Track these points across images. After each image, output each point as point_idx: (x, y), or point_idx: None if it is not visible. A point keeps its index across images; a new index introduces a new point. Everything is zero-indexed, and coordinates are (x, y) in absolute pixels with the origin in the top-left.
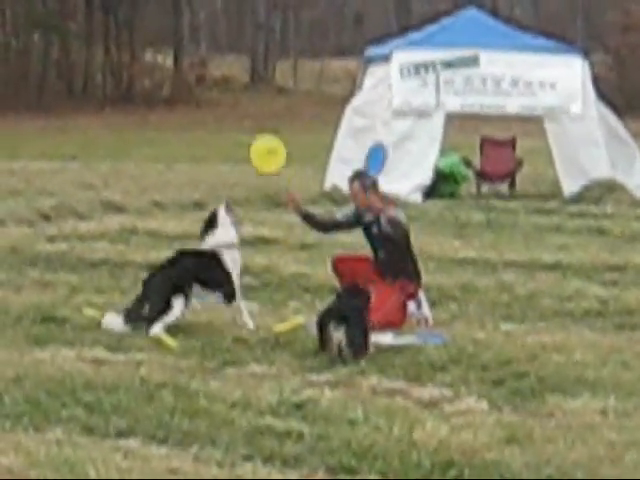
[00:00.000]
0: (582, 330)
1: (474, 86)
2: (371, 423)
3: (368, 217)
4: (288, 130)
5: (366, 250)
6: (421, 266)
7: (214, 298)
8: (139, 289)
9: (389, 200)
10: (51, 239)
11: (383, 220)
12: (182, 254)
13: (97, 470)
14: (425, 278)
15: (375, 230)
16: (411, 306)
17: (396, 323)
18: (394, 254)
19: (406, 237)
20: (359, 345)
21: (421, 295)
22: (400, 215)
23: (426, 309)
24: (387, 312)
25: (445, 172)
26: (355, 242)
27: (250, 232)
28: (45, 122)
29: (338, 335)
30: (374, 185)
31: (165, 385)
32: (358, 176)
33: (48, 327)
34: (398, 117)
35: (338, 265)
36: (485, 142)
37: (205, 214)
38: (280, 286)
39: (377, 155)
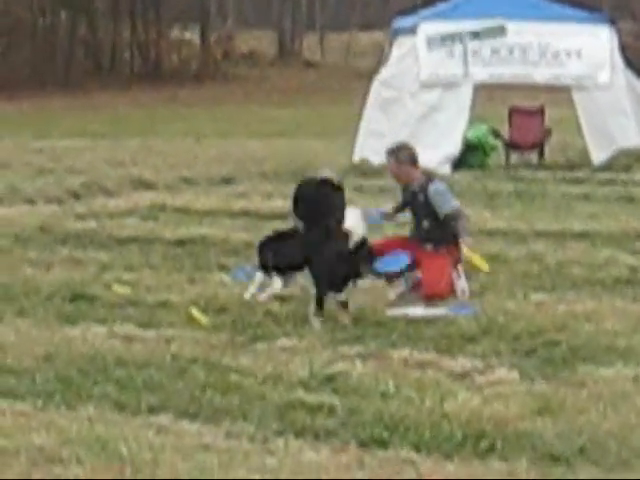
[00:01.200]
0: (613, 299)
1: (501, 56)
2: (402, 395)
3: (412, 187)
4: (316, 104)
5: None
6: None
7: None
8: (169, 265)
9: (429, 172)
10: (80, 217)
11: (432, 190)
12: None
13: (129, 447)
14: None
15: (421, 199)
16: (454, 273)
17: (452, 290)
18: (439, 222)
19: None
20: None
21: (459, 267)
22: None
23: (463, 281)
24: (448, 281)
25: (474, 143)
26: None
27: (280, 206)
28: (73, 100)
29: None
30: (412, 159)
31: (196, 361)
32: (392, 152)
33: (78, 305)
34: (426, 89)
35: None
36: (513, 112)
37: (234, 189)
38: None
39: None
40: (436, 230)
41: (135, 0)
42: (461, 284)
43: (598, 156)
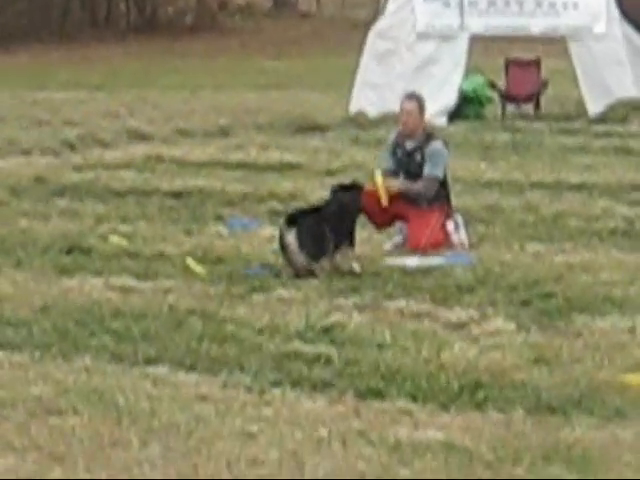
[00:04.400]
0: (609, 250)
1: (498, 7)
2: (399, 346)
3: (410, 144)
4: (312, 55)
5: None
6: (448, 189)
7: None
8: (165, 217)
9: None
10: (77, 168)
11: (430, 148)
12: None
13: (126, 398)
14: (452, 200)
15: (418, 159)
16: (449, 225)
17: (440, 243)
18: None
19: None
20: (308, 249)
21: (459, 219)
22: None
23: (463, 233)
24: (431, 233)
25: (470, 94)
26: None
27: (276, 158)
28: (68, 52)
29: (290, 238)
30: (424, 111)
31: (193, 312)
32: (416, 96)
33: (75, 256)
34: (422, 40)
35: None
36: (509, 63)
37: (231, 141)
38: None
39: None
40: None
41: None
42: (460, 236)
43: (594, 107)
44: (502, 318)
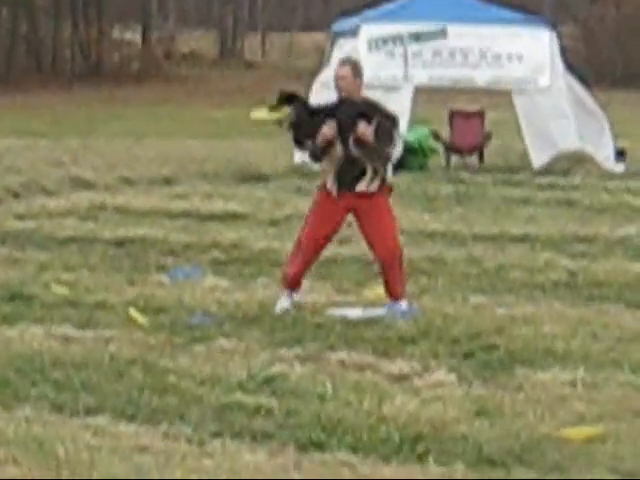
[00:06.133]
0: (551, 302)
1: (442, 59)
2: (340, 398)
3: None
4: (257, 104)
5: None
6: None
7: None
8: (107, 266)
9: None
10: (20, 216)
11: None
12: None
13: (66, 448)
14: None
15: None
16: None
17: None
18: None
19: None
20: None
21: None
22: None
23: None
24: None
25: (414, 145)
26: None
27: (220, 207)
28: (13, 98)
29: None
30: (362, 75)
31: (134, 362)
32: (350, 61)
33: (17, 305)
34: (366, 91)
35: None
36: (454, 115)
37: (174, 189)
38: (249, 261)
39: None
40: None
41: None
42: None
43: (538, 159)
44: (444, 370)
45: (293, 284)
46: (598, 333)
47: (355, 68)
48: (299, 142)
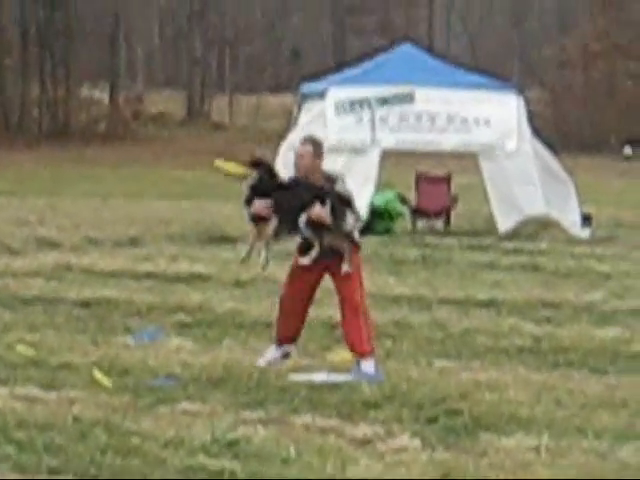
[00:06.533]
0: (516, 367)
1: (409, 123)
2: (304, 461)
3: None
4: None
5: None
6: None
7: None
8: (72, 327)
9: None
10: None
11: (339, 189)
12: None
13: None
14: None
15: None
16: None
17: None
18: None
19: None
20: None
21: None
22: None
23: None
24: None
25: (380, 209)
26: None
27: (185, 268)
28: None
29: None
30: (322, 157)
31: (98, 423)
32: (312, 140)
33: None
34: (333, 154)
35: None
36: (420, 178)
37: (140, 250)
38: (214, 323)
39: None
40: (338, 239)
41: (44, 57)
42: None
43: (504, 224)
44: (408, 435)
45: (282, 340)
46: (562, 399)
47: (316, 147)
48: (247, 203)
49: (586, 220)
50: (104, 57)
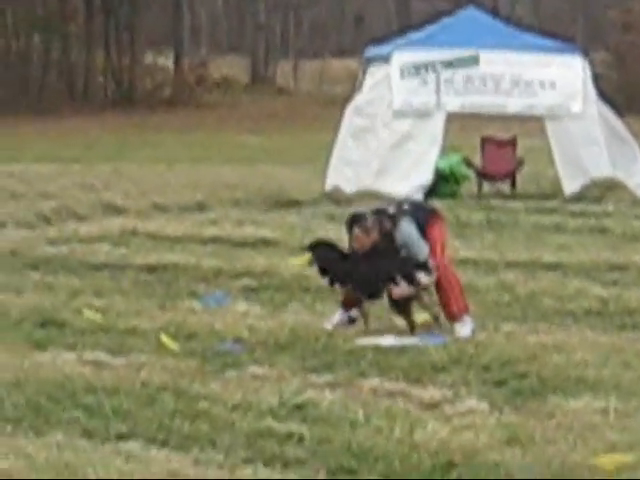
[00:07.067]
0: (583, 330)
1: (474, 86)
2: (372, 425)
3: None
4: (289, 131)
5: None
6: None
7: None
8: (139, 292)
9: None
10: (52, 242)
11: (398, 238)
12: None
13: (97, 473)
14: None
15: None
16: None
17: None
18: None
19: None
20: None
21: None
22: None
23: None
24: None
25: (446, 172)
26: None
27: (251, 233)
28: (46, 125)
29: None
30: (367, 223)
31: (166, 388)
32: (356, 220)
33: (48, 330)
34: (398, 117)
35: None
36: (486, 142)
37: (206, 216)
38: (281, 288)
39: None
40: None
41: (109, 25)
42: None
43: (570, 187)
44: (475, 398)
45: (348, 304)
46: (630, 361)
47: (363, 227)
48: (332, 286)
49: None
50: (168, 24)
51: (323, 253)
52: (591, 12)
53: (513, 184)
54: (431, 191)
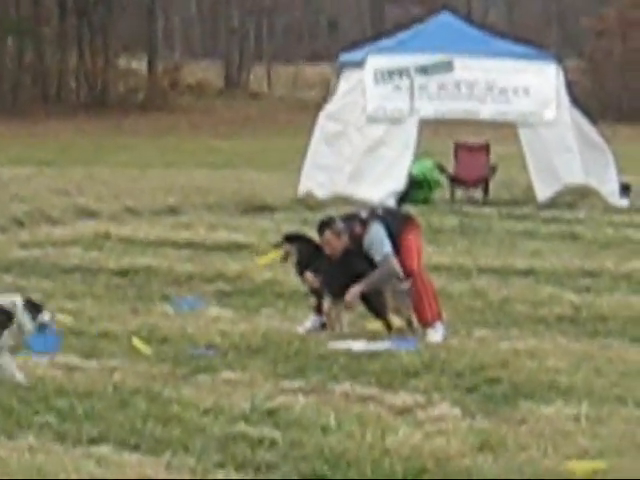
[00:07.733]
0: (555, 336)
1: (448, 92)
2: (344, 430)
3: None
4: (262, 135)
5: None
6: None
7: None
8: (112, 295)
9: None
10: (24, 245)
11: (365, 242)
12: None
13: (69, 477)
14: None
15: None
16: None
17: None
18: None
19: None
20: None
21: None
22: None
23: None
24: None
25: (419, 178)
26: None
27: (224, 238)
28: (19, 127)
29: None
30: (338, 227)
31: (138, 392)
32: (327, 225)
33: None
34: (372, 123)
35: None
36: (459, 147)
37: (179, 219)
38: (254, 292)
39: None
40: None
41: (83, 27)
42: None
43: (543, 193)
44: (447, 403)
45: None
46: (602, 368)
47: (334, 229)
48: (302, 277)
49: (625, 189)
50: (142, 27)
51: (300, 244)
52: (565, 19)
53: (486, 190)
54: (404, 197)
